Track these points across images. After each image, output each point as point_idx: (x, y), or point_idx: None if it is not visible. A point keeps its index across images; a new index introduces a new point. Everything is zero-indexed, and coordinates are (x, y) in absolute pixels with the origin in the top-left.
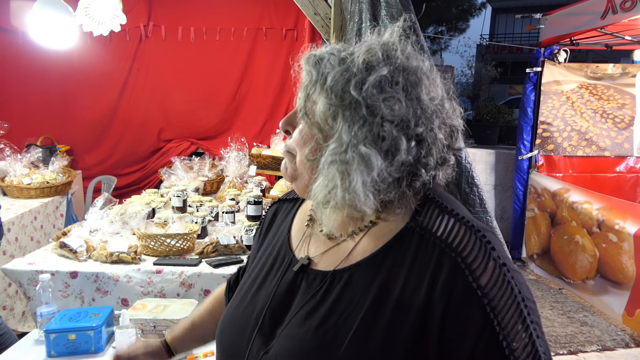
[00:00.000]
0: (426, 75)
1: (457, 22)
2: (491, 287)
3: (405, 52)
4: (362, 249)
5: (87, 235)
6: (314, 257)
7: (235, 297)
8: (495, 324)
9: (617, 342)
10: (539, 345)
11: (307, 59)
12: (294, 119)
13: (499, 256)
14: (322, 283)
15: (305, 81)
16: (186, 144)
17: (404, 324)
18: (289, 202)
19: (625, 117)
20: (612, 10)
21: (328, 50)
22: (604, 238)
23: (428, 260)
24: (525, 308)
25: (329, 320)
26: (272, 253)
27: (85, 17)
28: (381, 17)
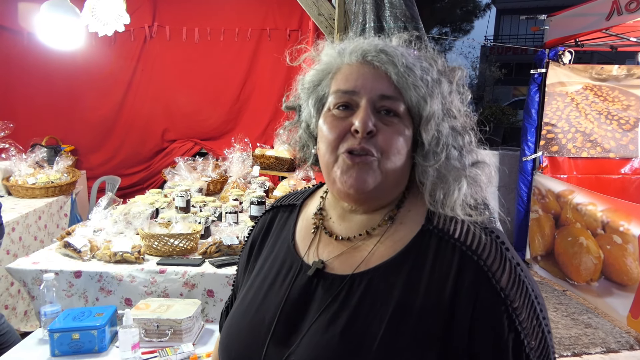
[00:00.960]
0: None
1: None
2: (511, 288)
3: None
4: (381, 252)
5: (91, 235)
6: (328, 261)
7: (238, 308)
8: (517, 323)
9: (622, 344)
10: (549, 340)
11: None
12: (383, 118)
13: (512, 256)
14: (341, 287)
15: (432, 85)
16: (190, 145)
17: (432, 326)
18: (285, 209)
19: (630, 119)
20: (617, 11)
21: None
22: (609, 240)
23: (449, 263)
24: (538, 305)
25: (354, 325)
26: (276, 262)
27: (91, 17)
28: (385, 18)
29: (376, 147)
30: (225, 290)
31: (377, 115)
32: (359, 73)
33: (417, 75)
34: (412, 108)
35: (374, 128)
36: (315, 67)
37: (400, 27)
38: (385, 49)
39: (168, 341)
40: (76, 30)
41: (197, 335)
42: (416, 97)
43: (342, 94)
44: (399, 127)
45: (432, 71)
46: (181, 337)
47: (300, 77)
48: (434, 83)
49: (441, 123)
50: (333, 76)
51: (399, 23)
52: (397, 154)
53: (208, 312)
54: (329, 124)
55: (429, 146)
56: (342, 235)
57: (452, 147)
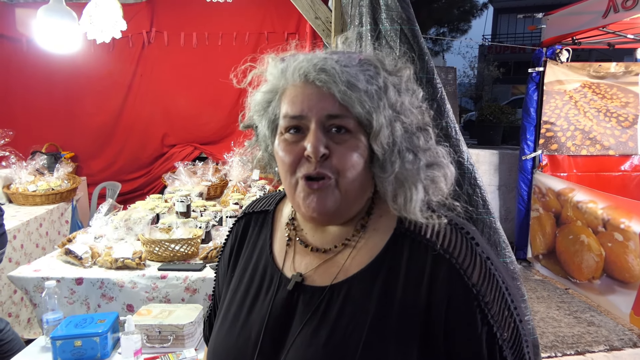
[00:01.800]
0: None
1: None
2: (482, 283)
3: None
4: (357, 261)
5: (92, 242)
6: (307, 274)
7: (222, 324)
8: (490, 317)
9: (625, 342)
10: (521, 329)
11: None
12: (334, 137)
13: (482, 251)
14: (320, 299)
15: (375, 94)
16: (189, 149)
17: (411, 326)
18: (258, 215)
19: (629, 116)
20: (613, 9)
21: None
22: (610, 237)
23: (423, 263)
24: (509, 296)
25: (335, 335)
26: (256, 274)
27: (89, 25)
28: (381, 20)
29: (332, 169)
30: None
31: (328, 135)
32: (304, 95)
33: (361, 90)
34: (362, 121)
35: (326, 151)
36: (261, 88)
37: (396, 30)
38: (324, 68)
39: (170, 347)
40: (73, 33)
41: (199, 340)
42: (362, 113)
43: (291, 119)
44: (352, 142)
45: (377, 78)
46: (183, 343)
47: (250, 98)
48: (380, 92)
49: (392, 133)
50: (280, 97)
51: (395, 25)
52: (353, 171)
53: None
54: (283, 150)
55: (384, 156)
56: (318, 246)
57: (406, 151)
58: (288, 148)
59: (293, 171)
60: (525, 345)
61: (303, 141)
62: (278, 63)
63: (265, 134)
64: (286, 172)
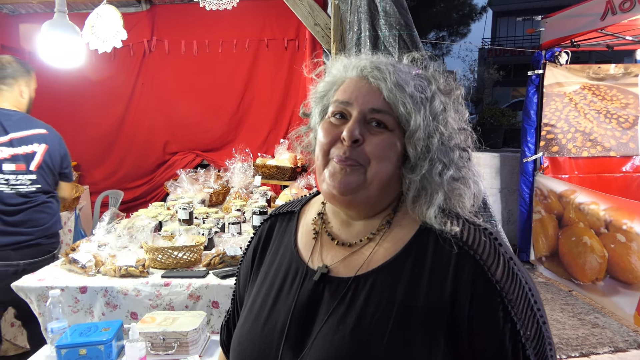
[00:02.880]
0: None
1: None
2: (505, 281)
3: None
4: (382, 254)
5: (96, 250)
6: (332, 266)
7: (247, 317)
8: (513, 314)
9: (630, 343)
10: (544, 330)
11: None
12: (372, 129)
13: (505, 251)
14: (346, 289)
15: (417, 97)
16: (191, 156)
17: (437, 319)
18: (284, 216)
19: (629, 117)
20: (611, 11)
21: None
22: (612, 238)
23: (448, 258)
24: (532, 297)
25: (362, 324)
26: (281, 269)
27: (91, 35)
28: (380, 27)
29: (362, 155)
30: (230, 301)
31: (367, 127)
32: (356, 86)
33: (407, 93)
34: (401, 122)
35: (360, 137)
36: (325, 78)
37: (395, 35)
38: (379, 66)
39: (174, 354)
40: (77, 49)
41: (204, 347)
42: (403, 113)
43: (339, 104)
44: (386, 137)
45: (426, 89)
46: (187, 350)
47: (313, 87)
48: (424, 100)
49: (429, 138)
50: (337, 88)
51: (393, 31)
52: (382, 162)
53: (213, 323)
54: (325, 130)
55: (415, 159)
56: (344, 240)
57: (437, 161)
58: (329, 129)
59: (327, 150)
60: (548, 348)
61: (343, 126)
62: (345, 60)
63: (316, 119)
64: (320, 150)
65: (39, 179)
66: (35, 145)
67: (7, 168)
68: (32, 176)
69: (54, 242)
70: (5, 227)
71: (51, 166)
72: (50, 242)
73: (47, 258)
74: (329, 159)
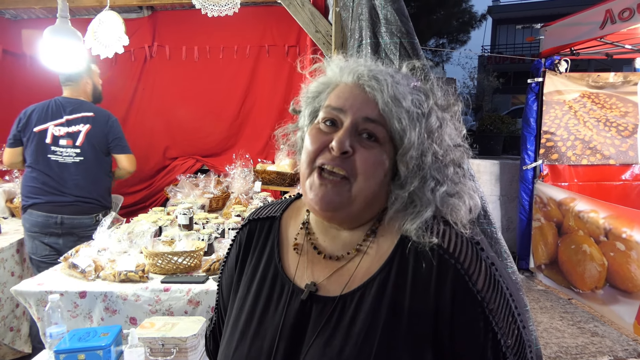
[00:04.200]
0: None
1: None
2: (487, 290)
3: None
4: (366, 269)
5: (95, 255)
6: (320, 283)
7: (232, 335)
8: (494, 324)
9: (629, 353)
10: (524, 335)
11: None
12: (362, 141)
13: (487, 256)
14: (333, 308)
15: (413, 111)
16: (191, 162)
17: (423, 331)
18: (264, 222)
19: (628, 125)
20: (610, 20)
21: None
22: (612, 247)
23: (429, 268)
24: (512, 302)
25: (348, 344)
26: (265, 281)
27: (94, 41)
28: (381, 34)
29: (350, 168)
30: None
31: (357, 138)
32: (350, 94)
33: (403, 107)
34: (394, 137)
35: (350, 149)
36: (319, 79)
37: (396, 43)
38: (377, 76)
39: (173, 359)
40: (79, 53)
41: (202, 353)
42: (397, 129)
43: (331, 110)
44: (377, 152)
45: (423, 104)
46: (186, 355)
47: (306, 85)
48: (420, 117)
49: (422, 156)
50: (330, 91)
51: (394, 39)
52: (370, 178)
53: None
54: (313, 136)
55: (405, 176)
56: (329, 252)
57: (430, 178)
58: (317, 136)
59: (313, 159)
60: (528, 351)
61: (333, 134)
62: (341, 61)
63: (305, 120)
64: (306, 157)
65: (82, 153)
66: (81, 126)
67: (62, 143)
68: (77, 150)
69: (93, 205)
70: (54, 189)
71: (94, 142)
72: (89, 205)
73: (86, 218)
74: (313, 167)
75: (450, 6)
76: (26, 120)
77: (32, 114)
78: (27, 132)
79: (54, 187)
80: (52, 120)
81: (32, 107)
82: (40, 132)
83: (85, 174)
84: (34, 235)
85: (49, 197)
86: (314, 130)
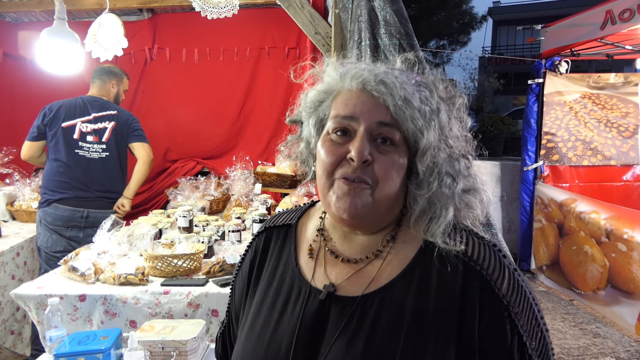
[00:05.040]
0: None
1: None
2: (511, 294)
3: None
4: (388, 271)
5: (95, 258)
6: (338, 284)
7: (248, 338)
8: (519, 327)
9: (632, 354)
10: (547, 338)
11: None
12: (379, 147)
13: (509, 262)
14: (353, 308)
15: (427, 112)
16: (192, 164)
17: (447, 336)
18: (280, 229)
19: (629, 126)
20: (611, 21)
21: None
22: (613, 248)
23: (454, 273)
24: (535, 306)
25: (372, 344)
26: (283, 287)
27: (94, 44)
28: (380, 36)
29: (371, 176)
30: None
31: (373, 144)
32: (358, 99)
33: (415, 107)
34: (408, 138)
35: (369, 157)
36: (317, 87)
37: (395, 44)
38: (384, 80)
39: None
40: (76, 55)
41: (203, 355)
42: (413, 129)
43: (341, 119)
44: (394, 156)
45: (431, 100)
46: (186, 358)
47: (303, 94)
48: (432, 114)
49: (437, 152)
50: (333, 99)
51: (394, 40)
52: (391, 183)
53: (213, 332)
54: (327, 149)
55: (424, 176)
56: (347, 256)
57: (445, 175)
58: (332, 148)
59: (331, 171)
60: (551, 354)
61: (348, 144)
62: (338, 67)
63: (311, 131)
64: (324, 171)
65: (108, 149)
66: (107, 123)
67: (89, 139)
68: (103, 146)
69: (114, 201)
70: (81, 184)
71: (118, 139)
72: (111, 201)
73: (109, 212)
74: (333, 179)
75: (451, 8)
76: (53, 116)
77: (59, 110)
78: (53, 126)
79: (82, 182)
80: (80, 117)
81: (59, 103)
82: (68, 128)
83: (110, 170)
84: (55, 229)
85: (75, 192)
86: (326, 142)
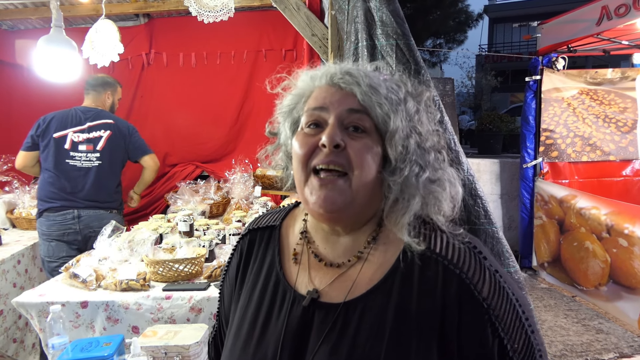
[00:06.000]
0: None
1: (455, 34)
2: (492, 297)
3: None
4: (369, 276)
5: (96, 264)
6: (322, 289)
7: (234, 344)
8: (500, 330)
9: (635, 349)
10: (533, 339)
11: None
12: (351, 134)
13: (490, 264)
14: (336, 315)
15: (394, 99)
16: (191, 168)
17: (429, 340)
18: (264, 231)
19: (627, 121)
20: (606, 16)
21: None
22: (614, 243)
23: (435, 278)
24: (519, 307)
25: (355, 352)
26: (267, 290)
27: (91, 50)
28: (377, 36)
29: (346, 160)
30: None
31: (346, 132)
32: (328, 92)
33: (382, 94)
34: (378, 125)
35: (341, 142)
36: (292, 91)
37: (392, 45)
38: (350, 71)
39: None
40: (73, 63)
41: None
42: (381, 114)
43: (312, 111)
44: (367, 141)
45: (398, 91)
46: None
47: (279, 102)
48: (399, 101)
49: (407, 140)
50: (306, 99)
51: (390, 40)
52: (366, 168)
53: None
54: (300, 142)
55: (395, 162)
56: (330, 259)
57: (414, 164)
58: (304, 140)
59: (305, 162)
60: (538, 355)
61: (320, 134)
62: (310, 72)
63: (287, 133)
64: (299, 163)
65: (102, 157)
66: (102, 132)
67: (81, 148)
68: (97, 154)
69: (107, 205)
70: (70, 195)
71: (113, 148)
72: (105, 206)
73: (101, 212)
74: (308, 170)
75: (447, 6)
76: (45, 127)
77: (51, 121)
78: (45, 137)
79: (69, 192)
80: (71, 127)
81: (52, 114)
82: (60, 138)
83: (102, 179)
84: (52, 237)
85: (62, 202)
86: (299, 136)
